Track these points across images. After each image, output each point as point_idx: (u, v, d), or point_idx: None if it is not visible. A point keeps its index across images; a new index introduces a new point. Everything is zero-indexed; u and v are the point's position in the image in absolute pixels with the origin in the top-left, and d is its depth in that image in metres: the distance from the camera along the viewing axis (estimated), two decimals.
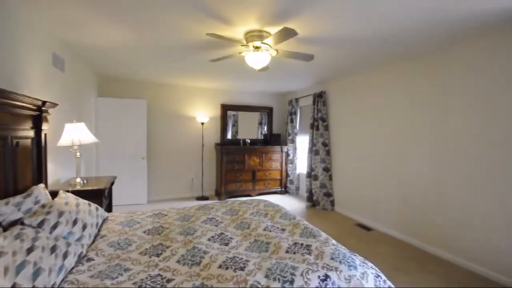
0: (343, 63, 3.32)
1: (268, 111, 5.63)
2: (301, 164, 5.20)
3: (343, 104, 4.13)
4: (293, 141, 5.28)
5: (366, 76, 3.64)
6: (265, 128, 5.65)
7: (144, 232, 1.75)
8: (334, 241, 1.65)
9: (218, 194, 4.87)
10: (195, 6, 1.84)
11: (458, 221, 2.52)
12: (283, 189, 5.32)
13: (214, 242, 1.61)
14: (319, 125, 4.39)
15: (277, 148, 5.23)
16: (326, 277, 1.24)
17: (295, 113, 5.27)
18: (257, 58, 2.36)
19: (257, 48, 2.35)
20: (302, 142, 5.18)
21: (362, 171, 3.73)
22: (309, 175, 4.52)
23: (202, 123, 4.79)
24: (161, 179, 4.72)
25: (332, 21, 2.09)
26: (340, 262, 1.35)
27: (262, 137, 5.60)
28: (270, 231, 1.77)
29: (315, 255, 1.42)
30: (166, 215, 2.12)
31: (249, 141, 5.24)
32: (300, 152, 5.25)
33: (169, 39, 2.51)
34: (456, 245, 2.52)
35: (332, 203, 4.30)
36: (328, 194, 4.31)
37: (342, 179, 4.16)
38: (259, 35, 2.29)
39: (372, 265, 1.48)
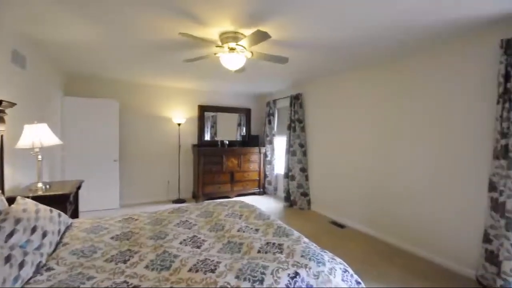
0: (318, 67, 3.43)
1: (246, 113, 5.65)
2: (279, 165, 5.27)
3: (318, 106, 4.26)
4: (271, 142, 5.35)
5: (341, 79, 3.78)
6: (244, 129, 5.66)
7: (112, 238, 1.68)
8: (306, 239, 1.69)
9: (196, 197, 4.78)
10: (168, 6, 1.81)
11: (422, 217, 2.70)
12: (261, 190, 5.36)
13: (186, 245, 1.58)
14: (296, 126, 4.49)
15: (255, 149, 5.26)
16: (296, 274, 1.27)
17: (273, 115, 5.34)
18: (232, 60, 2.36)
19: (232, 49, 2.35)
20: (280, 143, 5.26)
21: (337, 171, 3.87)
22: (286, 175, 4.59)
23: (179, 124, 4.69)
24: (135, 183, 4.54)
25: (304, 26, 2.15)
26: (309, 259, 1.39)
27: (241, 139, 5.61)
28: (243, 231, 1.77)
29: (286, 253, 1.45)
30: (136, 219, 2.04)
31: (227, 142, 5.22)
32: (278, 153, 5.32)
33: (142, 38, 2.44)
34: (420, 238, 2.70)
35: (309, 202, 4.41)
36: (305, 194, 4.41)
37: (318, 179, 4.28)
38: (234, 36, 2.30)
39: (340, 260, 1.54)
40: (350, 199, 3.61)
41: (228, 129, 5.52)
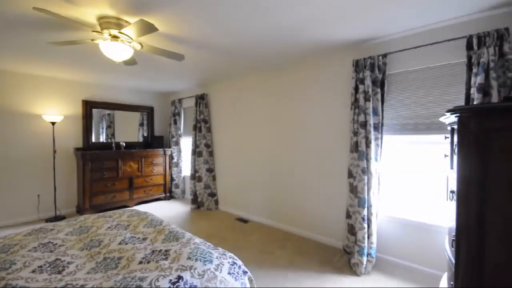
0: (218, 68, 3.48)
1: (149, 111, 5.15)
2: (186, 166, 5.07)
3: (222, 106, 4.34)
4: (177, 143, 5.08)
5: (242, 81, 3.98)
6: (146, 129, 5.14)
7: None
8: (197, 240, 1.66)
9: (81, 211, 3.97)
10: None
11: (306, 204, 3.17)
12: (167, 194, 5.01)
13: (42, 272, 1.26)
14: (202, 126, 4.43)
15: (160, 151, 4.87)
16: (179, 278, 1.22)
17: (178, 114, 5.09)
18: (115, 49, 2.07)
19: (115, 37, 2.07)
20: (187, 144, 5.07)
21: (241, 170, 4.05)
22: (193, 177, 4.47)
23: (53, 123, 3.76)
24: None
25: (195, 25, 2.14)
26: (196, 260, 1.37)
27: (142, 140, 5.07)
28: (126, 243, 1.58)
29: (172, 258, 1.38)
30: None
31: (124, 144, 4.60)
32: (185, 154, 5.11)
33: None
34: (305, 222, 3.17)
35: (216, 202, 4.43)
36: (212, 194, 4.41)
37: (224, 179, 4.37)
38: (117, 23, 2.03)
39: (231, 254, 1.60)
40: (253, 196, 3.85)
41: (129, 130, 4.91)
